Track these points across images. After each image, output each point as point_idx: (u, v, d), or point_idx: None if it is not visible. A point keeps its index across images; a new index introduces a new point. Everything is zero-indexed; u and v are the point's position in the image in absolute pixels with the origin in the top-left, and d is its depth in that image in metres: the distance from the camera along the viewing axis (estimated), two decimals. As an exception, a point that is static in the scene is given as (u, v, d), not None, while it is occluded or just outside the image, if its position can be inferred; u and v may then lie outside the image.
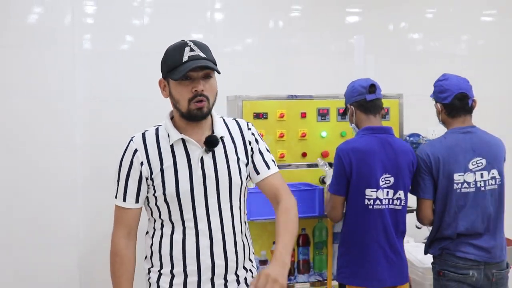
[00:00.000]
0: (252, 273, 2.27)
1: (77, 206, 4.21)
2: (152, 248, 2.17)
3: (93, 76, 4.30)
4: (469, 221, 3.07)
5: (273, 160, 2.31)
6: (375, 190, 3.06)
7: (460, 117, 3.17)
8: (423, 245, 3.88)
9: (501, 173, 3.12)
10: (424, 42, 5.08)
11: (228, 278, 2.15)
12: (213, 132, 2.17)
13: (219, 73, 2.12)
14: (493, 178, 3.11)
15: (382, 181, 3.06)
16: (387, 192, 3.07)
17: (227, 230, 2.15)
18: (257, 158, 2.28)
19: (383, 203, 3.06)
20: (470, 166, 3.07)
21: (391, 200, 3.08)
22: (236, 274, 2.18)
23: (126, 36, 4.44)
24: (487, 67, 5.08)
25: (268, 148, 2.33)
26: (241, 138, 2.26)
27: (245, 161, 2.24)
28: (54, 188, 4.12)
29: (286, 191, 2.30)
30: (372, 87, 3.13)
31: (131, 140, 2.17)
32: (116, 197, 2.18)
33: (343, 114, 3.47)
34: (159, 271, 2.16)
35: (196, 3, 4.50)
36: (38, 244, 4.11)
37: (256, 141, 2.30)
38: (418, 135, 3.79)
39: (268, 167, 2.28)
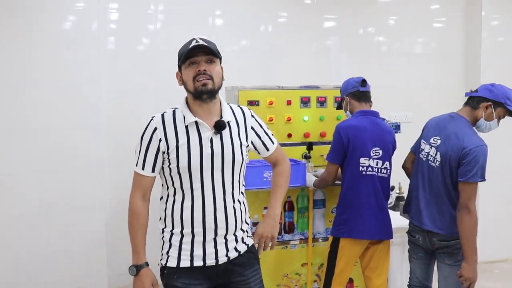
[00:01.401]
0: (247, 233, 2.27)
1: (103, 177, 4.26)
2: (166, 212, 2.16)
3: (115, 71, 4.33)
4: (417, 186, 3.01)
5: (272, 135, 2.37)
6: (368, 159, 3.09)
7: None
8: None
9: (441, 156, 2.82)
10: (388, 43, 5.10)
11: (228, 238, 2.14)
12: (221, 117, 2.14)
13: (218, 57, 2.13)
14: (437, 157, 2.87)
15: (373, 153, 3.10)
16: (377, 162, 3.11)
17: (228, 199, 2.13)
18: (265, 139, 2.33)
19: (374, 170, 3.10)
20: (431, 141, 2.94)
21: (380, 169, 3.12)
22: (234, 234, 2.17)
23: (142, 38, 4.48)
24: (438, 63, 5.13)
25: (267, 127, 2.36)
26: (244, 124, 2.24)
27: (246, 144, 2.23)
28: (84, 163, 4.15)
29: (284, 158, 2.44)
30: (364, 82, 3.22)
31: (151, 119, 2.14)
32: (136, 165, 2.15)
33: (338, 106, 3.49)
34: (171, 231, 2.14)
35: (200, 10, 4.53)
36: (71, 208, 4.12)
37: (260, 125, 2.31)
38: (383, 119, 3.74)
39: (273, 143, 2.36)
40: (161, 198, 2.22)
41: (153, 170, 2.13)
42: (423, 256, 3.02)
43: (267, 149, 2.34)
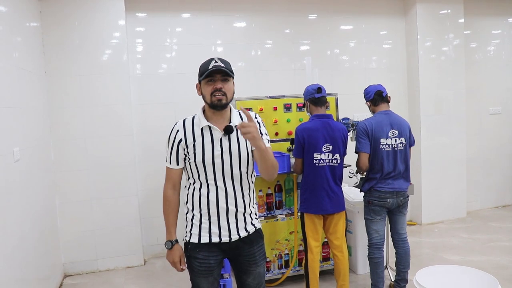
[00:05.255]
0: (255, 216, 2.14)
1: (135, 172, 4.29)
2: (188, 197, 2.09)
3: (142, 89, 4.40)
4: (388, 167, 3.09)
5: (268, 140, 2.12)
6: (320, 153, 3.04)
7: (381, 105, 3.18)
8: (354, 188, 3.82)
9: (406, 140, 3.12)
10: (349, 61, 5.11)
11: (238, 217, 2.05)
12: (230, 122, 2.03)
13: (232, 76, 1.97)
14: (401, 143, 3.10)
15: (324, 148, 3.05)
16: (328, 155, 3.06)
17: (237, 186, 2.03)
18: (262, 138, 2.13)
19: (325, 162, 3.06)
20: (389, 135, 3.08)
21: (331, 160, 3.08)
22: (244, 215, 2.06)
23: (162, 64, 4.49)
24: (388, 76, 5.17)
25: (266, 132, 2.13)
26: None
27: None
28: (120, 162, 4.19)
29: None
30: (319, 89, 3.12)
31: (175, 124, 2.07)
32: (165, 161, 2.09)
33: (302, 107, 3.48)
34: (192, 211, 2.06)
35: (205, 41, 4.57)
36: (113, 196, 4.19)
37: (259, 127, 2.10)
38: (347, 118, 3.77)
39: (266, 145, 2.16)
40: (185, 186, 2.16)
41: (177, 163, 2.06)
42: (385, 215, 3.20)
43: None
